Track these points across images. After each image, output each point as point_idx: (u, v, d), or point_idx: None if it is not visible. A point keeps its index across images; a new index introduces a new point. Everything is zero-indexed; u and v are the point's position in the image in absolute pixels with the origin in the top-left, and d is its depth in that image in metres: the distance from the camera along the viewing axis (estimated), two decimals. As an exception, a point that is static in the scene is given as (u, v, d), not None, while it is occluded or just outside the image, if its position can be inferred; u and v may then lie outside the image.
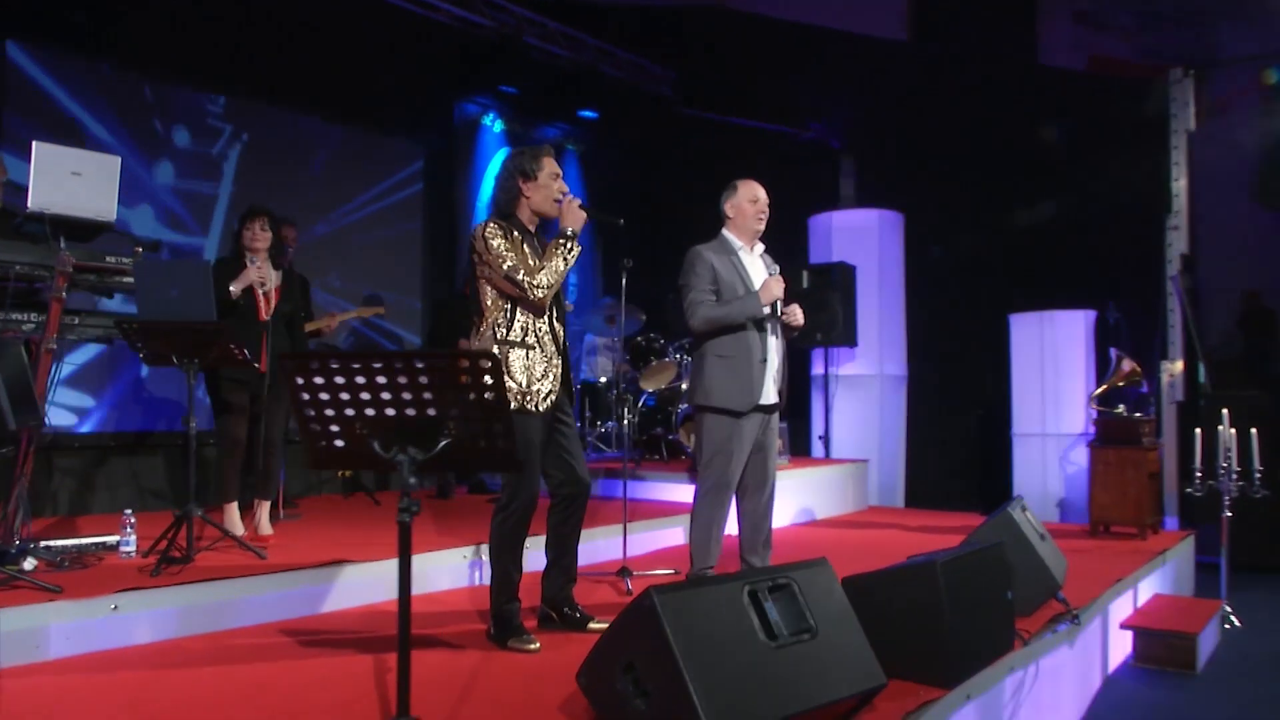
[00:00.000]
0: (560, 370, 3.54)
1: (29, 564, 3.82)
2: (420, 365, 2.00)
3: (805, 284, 8.32)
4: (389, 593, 4.19)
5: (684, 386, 7.62)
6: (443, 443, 2.10)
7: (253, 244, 4.64)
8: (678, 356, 7.51)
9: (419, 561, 4.26)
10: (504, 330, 3.43)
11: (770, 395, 4.08)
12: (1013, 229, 8.10)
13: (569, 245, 3.49)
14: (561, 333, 3.59)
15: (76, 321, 4.15)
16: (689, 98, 9.59)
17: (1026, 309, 7.63)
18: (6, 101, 5.62)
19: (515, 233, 3.47)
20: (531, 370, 3.43)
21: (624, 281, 4.58)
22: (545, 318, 3.51)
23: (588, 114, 9.27)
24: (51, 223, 3.86)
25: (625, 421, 4.79)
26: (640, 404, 7.64)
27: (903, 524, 6.78)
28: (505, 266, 3.37)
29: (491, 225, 3.43)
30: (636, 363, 7.51)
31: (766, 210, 4.16)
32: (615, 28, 8.74)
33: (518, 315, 3.45)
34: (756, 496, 4.13)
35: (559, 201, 3.56)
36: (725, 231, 4.20)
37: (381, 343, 7.55)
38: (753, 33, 8.78)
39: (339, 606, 4.02)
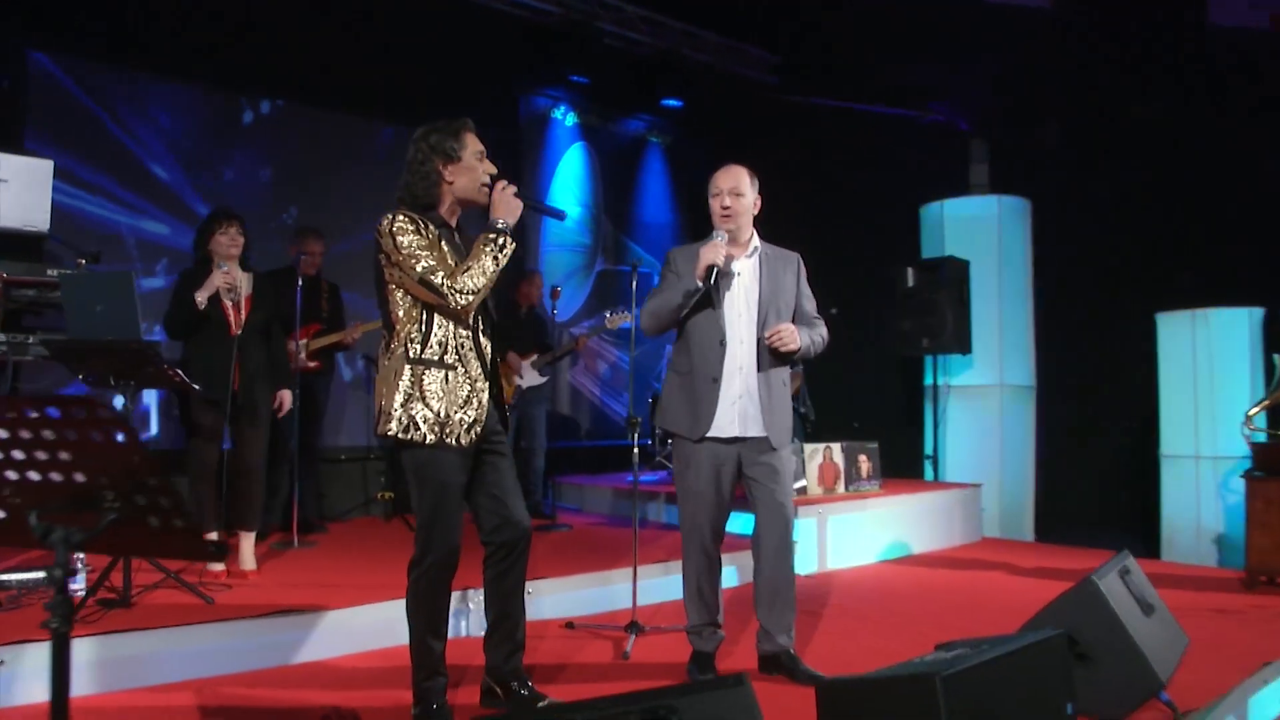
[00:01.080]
0: (488, 393, 2.88)
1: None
2: (37, 415, 1.38)
3: (910, 282, 7.34)
4: (347, 645, 3.65)
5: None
6: (108, 519, 1.47)
7: (229, 250, 4.21)
8: (800, 368, 6.78)
9: (386, 610, 3.72)
10: (418, 347, 2.80)
11: (733, 425, 3.32)
12: (1163, 214, 6.82)
13: (500, 241, 2.84)
14: (489, 348, 2.93)
15: (31, 340, 3.84)
16: (789, 82, 8.73)
17: (1177, 307, 6.37)
18: (31, 111, 5.47)
19: (431, 226, 2.83)
20: (451, 395, 2.79)
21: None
22: (470, 330, 2.87)
23: (672, 103, 8.55)
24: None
25: (635, 443, 4.07)
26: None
27: (1016, 563, 5.73)
28: (419, 268, 2.73)
29: (401, 218, 2.79)
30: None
31: (731, 202, 3.36)
32: (702, 9, 8.00)
33: (435, 328, 2.82)
34: (761, 542, 3.39)
35: (487, 187, 2.93)
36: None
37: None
38: (867, 6, 7.85)
39: (275, 662, 3.49)
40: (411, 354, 2.79)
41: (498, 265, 2.82)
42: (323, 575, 4.36)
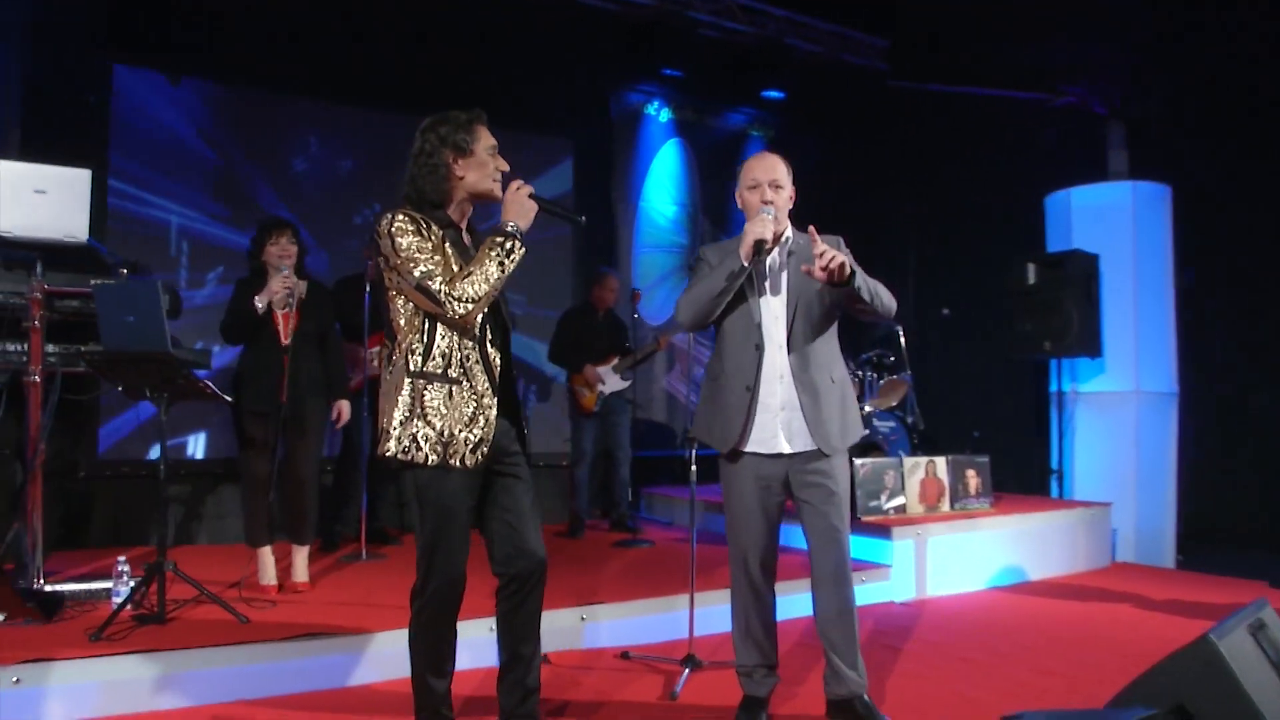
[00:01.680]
0: (495, 410, 2.60)
1: (-1, 615, 3.50)
2: None
3: (1032, 279, 6.70)
4: (379, 672, 3.46)
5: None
6: None
7: (280, 260, 4.10)
8: (908, 375, 6.33)
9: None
10: (419, 359, 2.56)
11: (777, 440, 2.95)
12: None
13: (509, 245, 2.56)
14: (499, 360, 2.65)
15: (81, 350, 3.83)
16: (900, 68, 8.15)
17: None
18: (113, 122, 5.57)
19: (435, 227, 2.58)
20: (455, 412, 2.54)
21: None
22: (475, 341, 2.60)
23: (774, 95, 8.11)
24: (27, 246, 3.51)
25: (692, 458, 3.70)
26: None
27: (1147, 594, 5.08)
28: (416, 273, 2.48)
29: (401, 217, 2.54)
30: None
31: (773, 196, 2.98)
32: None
33: (438, 338, 2.56)
34: (815, 572, 3.02)
35: (499, 184, 2.66)
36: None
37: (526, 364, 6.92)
38: (988, -19, 7.25)
39: (303, 688, 3.32)
40: (412, 366, 2.55)
41: (503, 272, 2.54)
42: (375, 594, 4.18)
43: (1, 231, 3.45)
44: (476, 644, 3.42)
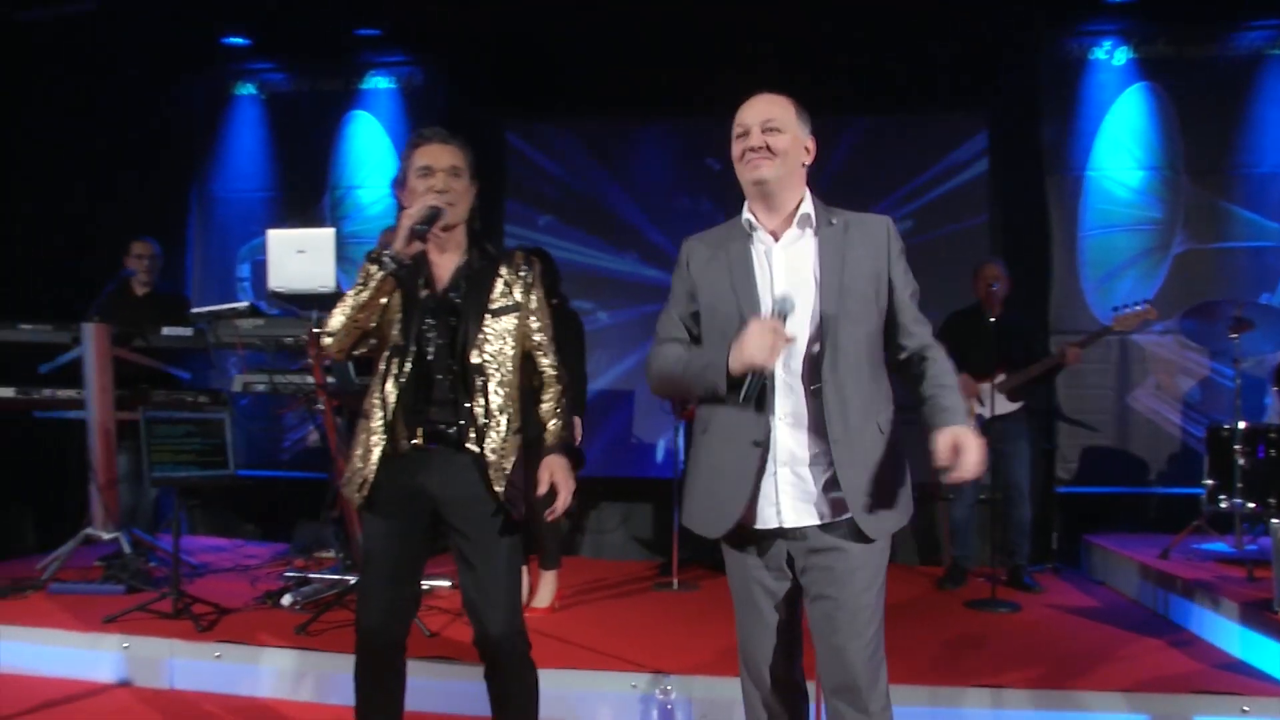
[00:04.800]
0: (380, 449, 2.40)
1: (286, 599, 4.32)
2: None
3: None
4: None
5: None
6: None
7: None
8: None
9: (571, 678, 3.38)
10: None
11: (770, 508, 2.10)
12: None
13: (367, 269, 2.37)
14: (395, 396, 2.40)
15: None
16: None
17: None
18: (508, 186, 6.38)
19: (367, 261, 2.39)
20: (358, 447, 2.47)
21: None
22: (380, 374, 2.45)
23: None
24: (288, 298, 4.28)
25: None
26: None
27: None
28: None
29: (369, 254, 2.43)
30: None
31: (763, 141, 2.10)
32: None
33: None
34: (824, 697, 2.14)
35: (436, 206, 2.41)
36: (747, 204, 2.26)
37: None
38: None
39: (432, 709, 3.36)
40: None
41: (355, 298, 2.37)
42: (604, 636, 3.97)
43: (276, 287, 4.26)
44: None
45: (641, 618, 4.42)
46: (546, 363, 2.58)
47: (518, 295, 2.51)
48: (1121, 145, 5.95)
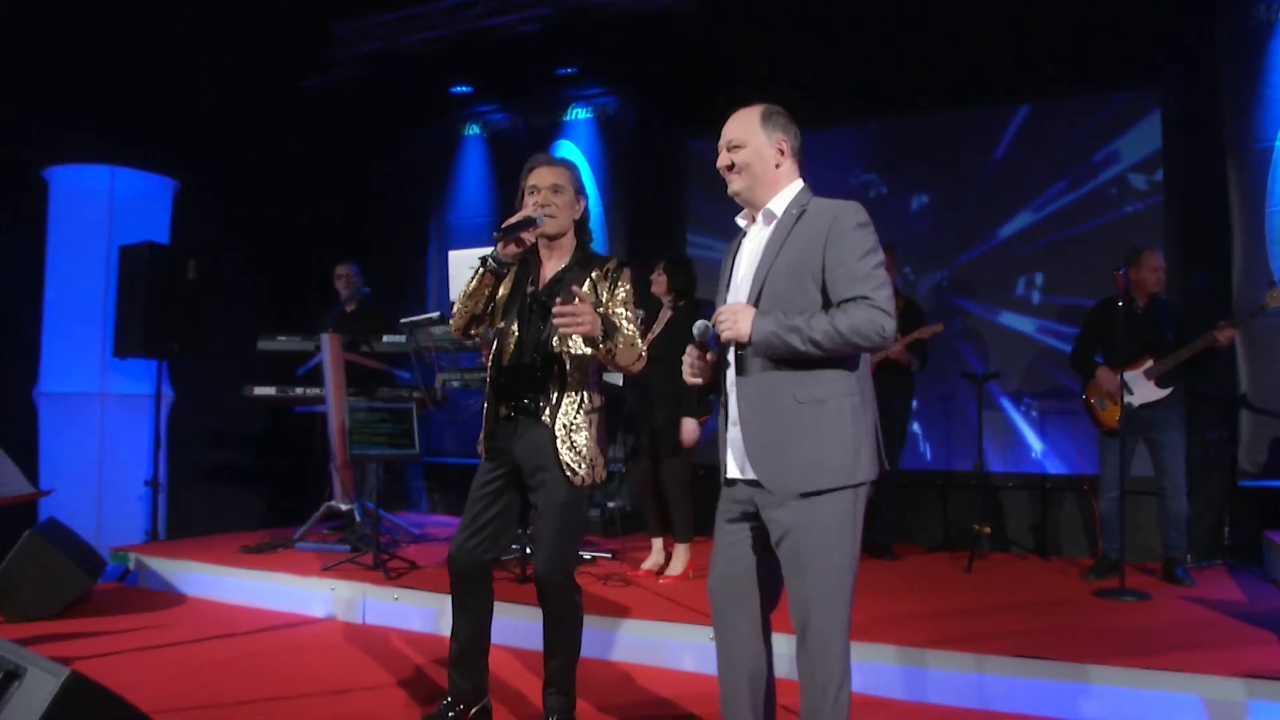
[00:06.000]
0: (495, 412, 3.00)
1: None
2: None
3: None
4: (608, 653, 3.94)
5: None
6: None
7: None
8: None
9: (655, 629, 3.88)
10: None
11: (731, 466, 2.46)
12: None
13: (478, 269, 2.95)
14: (493, 374, 3.01)
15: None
16: None
17: None
18: (690, 186, 6.90)
19: (486, 258, 2.96)
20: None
21: None
22: (493, 352, 3.04)
23: None
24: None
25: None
26: None
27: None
28: None
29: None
30: None
31: (725, 163, 2.49)
32: None
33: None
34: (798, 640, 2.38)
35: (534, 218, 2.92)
36: None
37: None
38: None
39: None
40: None
41: (466, 288, 2.98)
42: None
43: (455, 299, 5.06)
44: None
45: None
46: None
47: (602, 295, 2.95)
48: (1318, 111, 5.43)
